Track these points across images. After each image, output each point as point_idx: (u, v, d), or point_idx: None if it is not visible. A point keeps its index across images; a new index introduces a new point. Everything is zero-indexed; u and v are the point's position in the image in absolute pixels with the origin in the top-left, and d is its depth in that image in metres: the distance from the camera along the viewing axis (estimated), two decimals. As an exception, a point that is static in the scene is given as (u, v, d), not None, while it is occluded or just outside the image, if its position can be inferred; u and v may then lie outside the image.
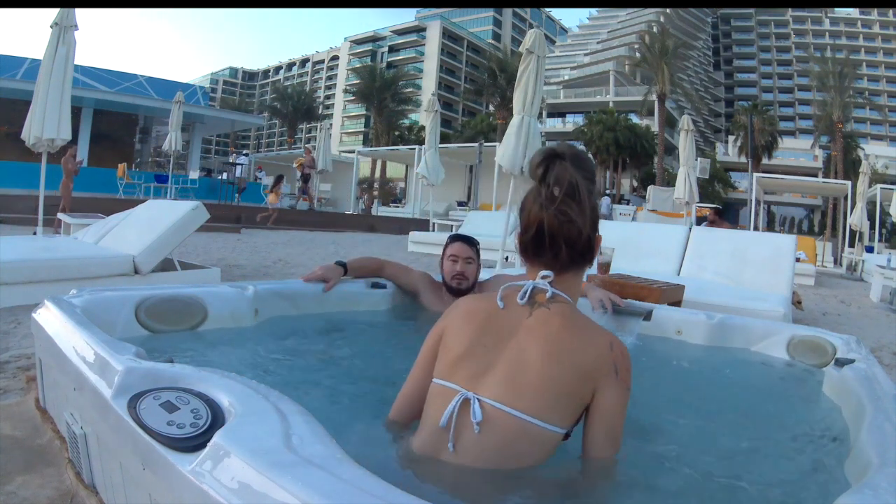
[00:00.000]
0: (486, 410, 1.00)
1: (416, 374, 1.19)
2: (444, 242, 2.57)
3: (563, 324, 1.05)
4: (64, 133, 5.32)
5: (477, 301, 1.15)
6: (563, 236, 1.05)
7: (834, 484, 1.16)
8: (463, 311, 1.14)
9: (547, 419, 1.00)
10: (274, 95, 61.15)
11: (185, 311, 1.99)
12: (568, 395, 1.02)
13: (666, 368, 2.17)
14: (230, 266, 5.51)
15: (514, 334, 1.06)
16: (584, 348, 1.04)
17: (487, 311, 1.10)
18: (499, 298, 1.10)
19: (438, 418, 1.03)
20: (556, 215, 1.03)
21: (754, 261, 4.35)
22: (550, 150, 1.07)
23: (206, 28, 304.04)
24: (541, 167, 1.05)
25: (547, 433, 1.00)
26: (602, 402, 1.03)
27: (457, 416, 1.01)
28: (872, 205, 14.39)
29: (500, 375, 1.02)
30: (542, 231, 1.04)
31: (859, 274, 11.28)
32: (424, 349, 1.19)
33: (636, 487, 1.14)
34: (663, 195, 18.01)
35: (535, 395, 1.00)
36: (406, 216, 17.19)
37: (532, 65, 5.35)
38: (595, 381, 1.03)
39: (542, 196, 1.04)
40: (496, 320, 1.08)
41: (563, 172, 1.03)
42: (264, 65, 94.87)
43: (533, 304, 1.08)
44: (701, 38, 67.23)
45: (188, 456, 0.89)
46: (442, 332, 1.15)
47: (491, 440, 0.99)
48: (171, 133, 12.56)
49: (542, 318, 1.06)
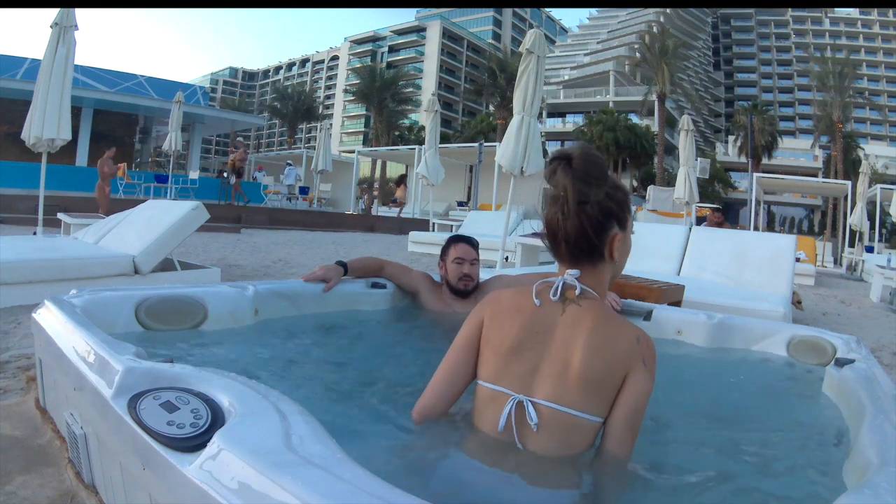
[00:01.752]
0: (541, 411, 1.07)
1: (451, 364, 1.21)
2: (444, 243, 2.56)
3: (595, 321, 1.11)
4: (64, 133, 5.31)
5: (518, 297, 1.19)
6: (563, 234, 1.12)
7: (834, 484, 1.16)
8: (506, 306, 1.18)
9: (592, 411, 1.08)
10: (274, 95, 61.12)
11: (185, 311, 1.99)
12: (606, 387, 1.09)
13: (666, 369, 2.17)
14: (230, 266, 5.51)
15: (552, 333, 1.11)
16: (616, 343, 1.11)
17: (528, 308, 1.15)
18: (534, 296, 1.15)
19: (494, 422, 1.10)
20: (554, 214, 1.12)
21: (754, 261, 4.35)
22: (561, 153, 1.13)
23: (206, 28, 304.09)
24: (549, 167, 1.13)
25: (593, 424, 1.09)
26: (630, 389, 1.09)
27: (514, 419, 1.08)
28: (872, 205, 14.39)
29: (547, 375, 1.09)
30: (551, 229, 1.14)
31: (859, 274, 11.28)
32: (461, 340, 1.22)
33: (636, 487, 1.14)
34: (663, 195, 17.99)
35: (580, 390, 1.07)
36: (406, 216, 17.18)
37: (532, 65, 5.35)
38: (626, 372, 1.09)
39: (555, 199, 1.12)
40: (535, 319, 1.13)
41: (567, 174, 1.10)
42: (264, 65, 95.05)
43: (564, 301, 1.14)
44: (701, 38, 67.24)
45: (188, 456, 0.89)
46: (481, 324, 1.19)
47: (548, 437, 1.07)
48: (171, 133, 12.56)
49: (575, 316, 1.12)
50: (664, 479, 1.20)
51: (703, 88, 65.66)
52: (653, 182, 31.71)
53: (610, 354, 1.09)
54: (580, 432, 1.08)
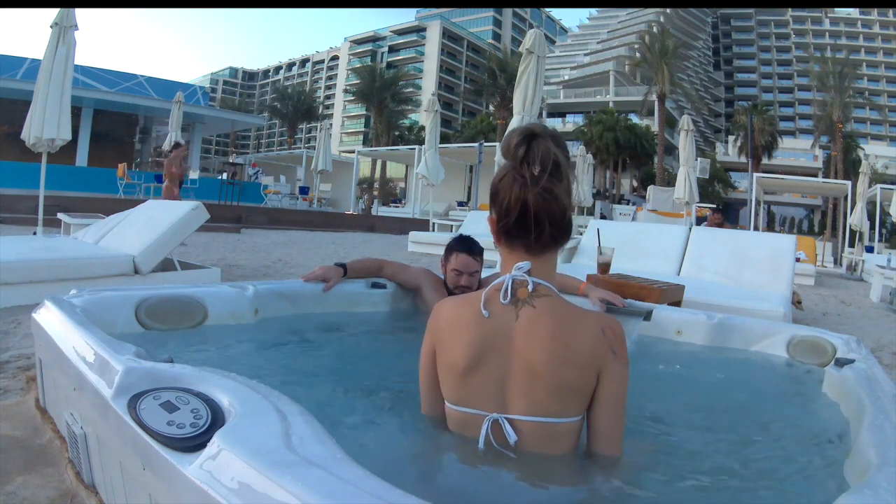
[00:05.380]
0: (518, 426, 1.04)
1: (425, 379, 1.18)
2: (447, 245, 2.47)
3: (554, 323, 1.04)
4: (64, 133, 5.32)
5: (459, 308, 1.11)
6: (547, 214, 1.03)
7: (834, 484, 1.16)
8: (451, 323, 1.10)
9: (570, 414, 1.05)
10: (274, 95, 61.14)
11: (185, 311, 1.99)
12: (580, 389, 1.05)
13: (666, 369, 2.17)
14: (230, 266, 5.51)
15: (510, 345, 1.04)
16: (581, 342, 1.04)
17: (474, 322, 1.07)
18: (482, 307, 1.06)
19: (472, 442, 1.06)
20: (541, 193, 1.01)
21: (754, 261, 4.34)
22: (528, 130, 1.05)
23: (206, 28, 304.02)
24: (522, 146, 1.02)
25: (573, 425, 1.07)
26: (606, 384, 1.05)
27: (492, 436, 1.05)
28: (872, 205, 14.39)
29: (516, 390, 1.04)
30: (527, 211, 1.02)
31: (859, 274, 11.27)
32: (422, 364, 1.18)
33: (635, 487, 1.14)
34: (663, 195, 18.00)
35: (555, 398, 1.04)
36: (406, 216, 17.18)
37: (532, 65, 5.35)
38: (598, 367, 1.05)
39: (523, 176, 1.02)
40: (487, 333, 1.05)
41: (547, 150, 1.01)
42: (264, 65, 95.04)
43: (517, 304, 1.06)
44: (701, 38, 67.21)
45: (188, 456, 0.89)
46: (433, 348, 1.13)
47: (529, 446, 1.05)
48: (171, 133, 12.55)
49: (531, 321, 1.04)
50: (664, 479, 1.20)
51: (703, 88, 65.64)
52: (653, 182, 31.70)
53: (577, 358, 1.03)
54: (560, 436, 1.06)
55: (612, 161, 39.05)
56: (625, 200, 24.16)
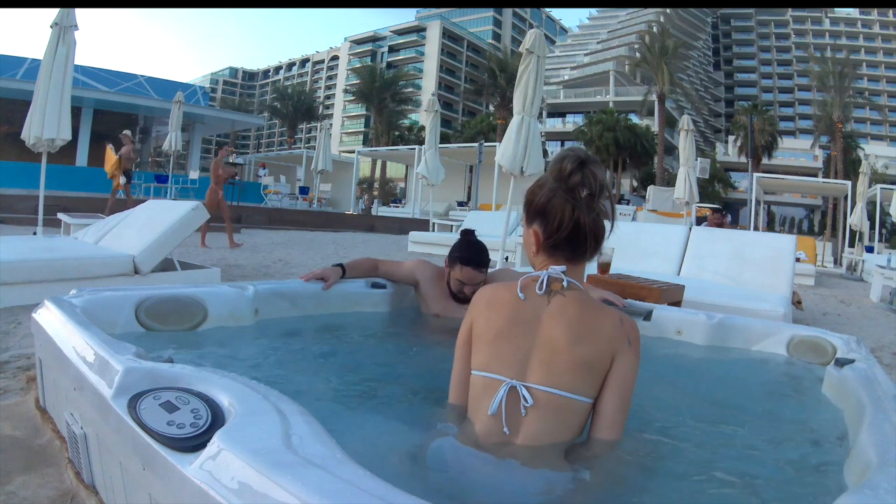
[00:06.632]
0: (534, 394, 1.12)
1: (459, 365, 1.28)
2: (453, 251, 2.36)
3: (580, 307, 1.17)
4: (64, 133, 5.31)
5: (504, 291, 1.23)
6: (593, 232, 1.17)
7: (834, 484, 1.16)
8: (492, 299, 1.23)
9: (583, 392, 1.14)
10: (274, 95, 61.18)
11: (185, 311, 1.99)
12: (595, 368, 1.14)
13: (666, 369, 2.17)
14: (230, 266, 5.51)
15: (539, 321, 1.16)
16: (602, 326, 1.16)
17: (510, 301, 1.20)
18: (519, 290, 1.19)
19: (487, 407, 1.13)
20: (590, 214, 1.16)
21: (754, 261, 4.35)
22: (577, 157, 1.17)
23: (206, 28, 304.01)
24: (576, 173, 1.15)
25: (583, 405, 1.14)
26: (618, 368, 1.15)
27: (506, 403, 1.12)
28: (872, 205, 14.38)
29: (537, 361, 1.14)
30: (579, 229, 1.16)
31: (859, 274, 11.27)
32: (459, 340, 1.28)
33: (635, 487, 1.14)
34: (663, 195, 17.99)
35: (571, 373, 1.13)
36: (406, 216, 17.18)
37: (532, 65, 5.34)
38: (613, 352, 1.15)
39: (575, 199, 1.15)
40: (520, 310, 1.18)
41: (595, 176, 1.16)
42: (264, 65, 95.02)
43: (550, 293, 1.18)
44: (701, 38, 67.22)
45: (188, 456, 0.89)
46: (471, 323, 1.25)
47: (539, 419, 1.12)
48: (171, 133, 12.55)
49: (560, 305, 1.17)
50: (664, 478, 1.20)
51: (703, 88, 65.66)
52: (653, 182, 31.70)
53: (597, 337, 1.14)
54: (572, 414, 1.13)
55: (612, 161, 39.00)
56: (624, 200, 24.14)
